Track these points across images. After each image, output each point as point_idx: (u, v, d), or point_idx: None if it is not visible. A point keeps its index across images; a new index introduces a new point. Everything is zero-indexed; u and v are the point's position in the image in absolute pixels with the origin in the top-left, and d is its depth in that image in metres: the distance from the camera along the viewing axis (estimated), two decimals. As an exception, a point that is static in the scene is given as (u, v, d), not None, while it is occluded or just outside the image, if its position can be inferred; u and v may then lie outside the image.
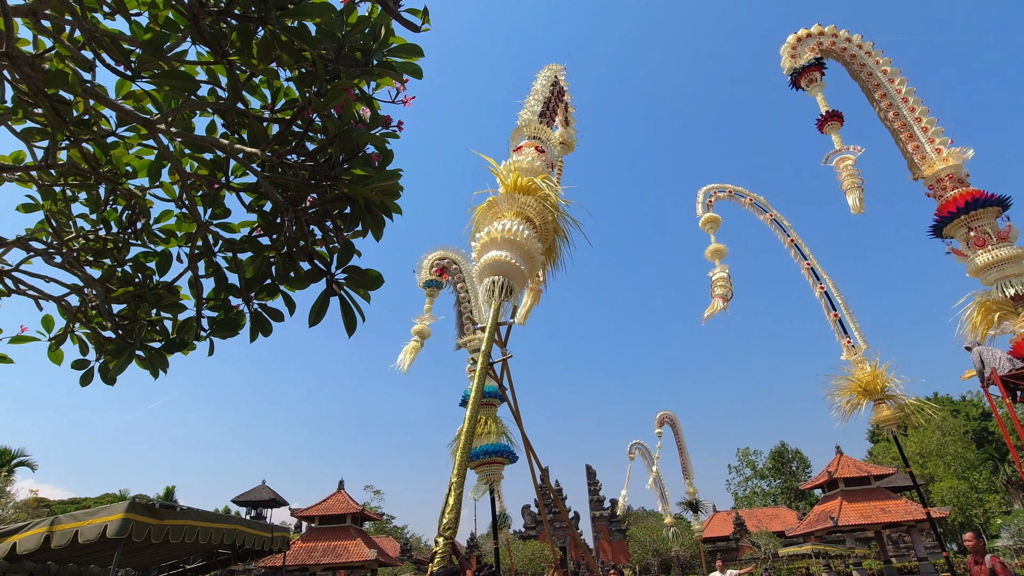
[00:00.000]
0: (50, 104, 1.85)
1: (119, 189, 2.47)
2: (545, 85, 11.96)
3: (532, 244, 8.19)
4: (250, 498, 48.81)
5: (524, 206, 8.61)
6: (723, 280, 17.31)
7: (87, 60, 1.93)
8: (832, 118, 13.43)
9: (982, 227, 11.51)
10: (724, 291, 17.13)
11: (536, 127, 10.53)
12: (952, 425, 57.88)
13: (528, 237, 8.12)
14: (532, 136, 10.39)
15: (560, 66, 13.09)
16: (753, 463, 79.42)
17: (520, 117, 10.93)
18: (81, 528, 6.71)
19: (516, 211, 8.57)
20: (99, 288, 2.51)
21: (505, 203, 8.66)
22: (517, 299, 8.30)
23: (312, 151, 2.08)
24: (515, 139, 10.53)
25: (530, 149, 9.92)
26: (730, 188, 19.44)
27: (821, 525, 37.90)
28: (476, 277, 8.15)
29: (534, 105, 11.26)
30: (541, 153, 9.96)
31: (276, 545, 10.39)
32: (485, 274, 7.89)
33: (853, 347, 15.88)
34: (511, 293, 7.81)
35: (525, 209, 8.59)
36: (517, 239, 8.00)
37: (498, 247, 7.97)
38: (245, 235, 2.50)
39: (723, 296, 17.05)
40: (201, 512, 8.13)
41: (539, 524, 50.44)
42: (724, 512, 58.73)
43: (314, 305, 2.12)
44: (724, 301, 16.99)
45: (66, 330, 2.74)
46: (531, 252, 8.16)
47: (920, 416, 14.53)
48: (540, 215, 8.73)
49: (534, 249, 8.20)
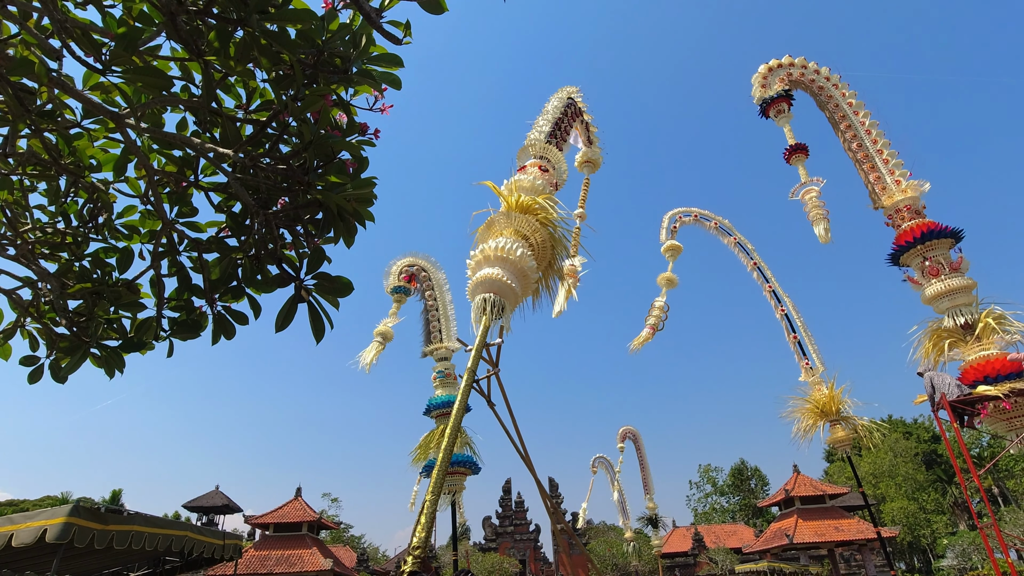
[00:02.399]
0: (12, 91, 1.79)
1: (81, 182, 2.40)
2: (557, 107, 12.04)
3: (526, 262, 8.17)
4: (202, 504, 47.15)
5: (521, 225, 8.67)
6: (659, 310, 17.62)
7: (55, 49, 1.87)
8: (798, 151, 13.90)
9: (936, 257, 12.02)
10: (656, 321, 17.44)
11: (542, 147, 10.63)
12: (904, 447, 59.84)
13: (522, 255, 8.13)
14: (538, 156, 10.52)
15: (575, 88, 13.24)
16: (714, 479, 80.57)
17: (528, 137, 11.05)
18: (17, 531, 6.39)
19: (513, 229, 8.63)
20: (54, 283, 2.43)
21: (503, 222, 8.73)
22: (509, 318, 8.24)
23: (286, 155, 2.06)
24: (521, 158, 10.68)
25: (534, 169, 10.04)
26: (696, 212, 19.88)
27: (777, 542, 38.65)
28: (469, 294, 8.15)
29: (543, 125, 11.33)
30: (545, 172, 10.08)
31: (228, 553, 10.07)
32: (477, 291, 7.86)
33: (811, 369, 16.33)
34: (503, 311, 7.81)
35: (522, 228, 8.65)
36: (510, 257, 8.01)
37: (491, 264, 7.98)
38: (212, 235, 2.45)
39: (653, 326, 17.36)
40: (149, 517, 7.85)
41: (499, 536, 50.09)
42: (683, 528, 59.32)
43: (281, 310, 2.08)
44: (653, 331, 17.31)
45: (16, 324, 2.63)
46: (524, 270, 8.16)
47: (872, 438, 15.00)
48: (538, 234, 8.78)
49: (528, 268, 8.20)
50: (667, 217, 19.69)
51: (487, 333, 7.62)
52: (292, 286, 2.13)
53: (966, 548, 43.11)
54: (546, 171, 10.18)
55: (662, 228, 19.49)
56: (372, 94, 2.17)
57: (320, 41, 1.85)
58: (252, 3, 1.64)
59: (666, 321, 17.90)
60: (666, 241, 19.15)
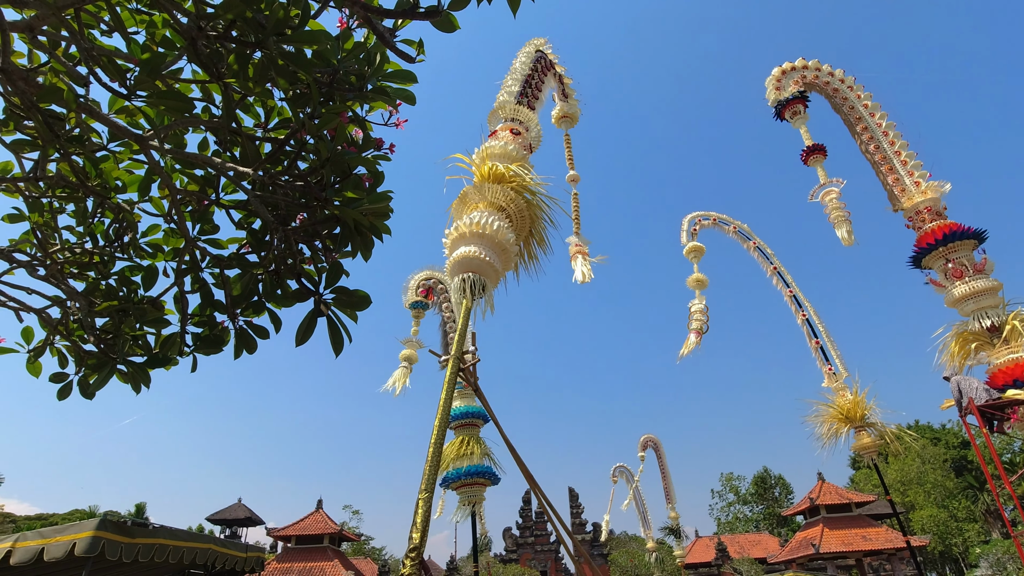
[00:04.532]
0: (43, 118, 1.86)
1: (107, 203, 2.47)
2: (525, 63, 11.09)
3: (504, 236, 7.70)
4: (225, 516, 47.56)
5: (496, 196, 8.10)
6: (700, 312, 17.47)
7: (82, 76, 1.95)
8: (816, 151, 13.76)
9: (959, 259, 11.78)
10: (700, 325, 17.28)
11: (513, 108, 9.84)
12: (932, 453, 58.40)
13: (499, 229, 7.65)
14: (509, 118, 9.75)
15: (543, 40, 12.11)
16: (736, 488, 79.29)
17: (496, 99, 10.20)
18: (48, 545, 6.51)
19: (488, 202, 8.09)
20: (82, 301, 2.49)
21: (476, 194, 8.16)
22: (491, 296, 7.79)
23: (304, 171, 2.11)
24: (492, 122, 9.93)
25: (505, 133, 9.30)
26: (715, 216, 19.75)
27: (803, 552, 37.88)
28: (448, 274, 7.71)
29: (511, 85, 10.45)
30: (517, 136, 9.32)
31: (250, 566, 10.15)
32: (456, 271, 7.47)
33: (834, 374, 16.05)
34: (484, 290, 7.43)
35: (497, 199, 8.09)
36: (487, 232, 7.53)
37: (467, 242, 7.51)
38: (233, 252, 2.50)
39: (698, 331, 17.20)
40: (174, 530, 7.95)
41: (520, 547, 49.73)
42: (706, 538, 58.41)
43: (301, 325, 2.12)
44: (698, 336, 17.14)
45: (46, 342, 2.70)
46: (503, 244, 7.69)
47: (899, 444, 14.67)
48: (514, 203, 8.22)
49: (506, 241, 7.73)
50: (686, 220, 19.58)
51: (470, 315, 7.27)
52: (311, 300, 2.16)
53: (1000, 557, 41.77)
54: (518, 134, 9.41)
55: (682, 231, 19.38)
56: (387, 109, 2.22)
57: (335, 60, 1.89)
58: (269, 26, 1.69)
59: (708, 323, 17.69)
60: (687, 243, 19.02)
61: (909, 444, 15.31)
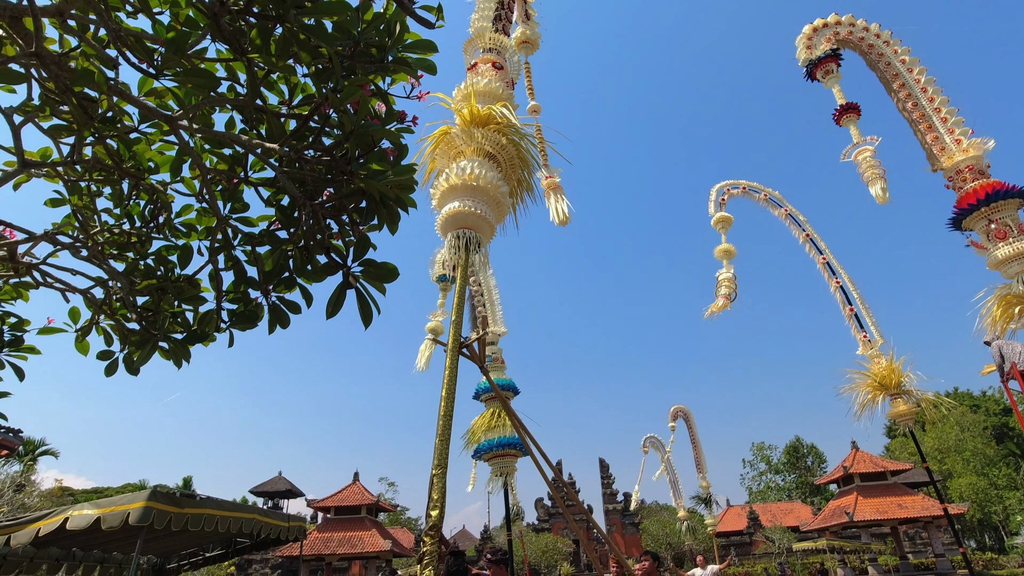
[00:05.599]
0: (77, 102, 1.91)
1: (142, 184, 2.54)
2: None
3: (497, 188, 7.27)
4: (267, 489, 49.52)
5: (484, 141, 7.54)
6: (728, 280, 17.31)
7: (111, 58, 1.98)
8: (849, 110, 13.24)
9: (1003, 219, 11.31)
10: (728, 291, 17.17)
11: (491, 37, 9.04)
12: (971, 421, 57.09)
13: (492, 180, 7.20)
14: (487, 48, 8.96)
15: None
16: (768, 458, 78.98)
17: (472, 23, 9.39)
18: (104, 515, 6.88)
19: (475, 148, 7.53)
20: (123, 281, 2.58)
21: (462, 139, 7.57)
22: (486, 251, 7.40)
23: (329, 146, 2.13)
24: (468, 53, 9.20)
25: (487, 66, 8.61)
26: (744, 184, 19.30)
27: (836, 520, 37.65)
28: (439, 231, 7.31)
29: (485, 8, 9.48)
30: (499, 70, 8.63)
31: (293, 535, 10.56)
32: (447, 228, 7.06)
33: (869, 342, 15.71)
34: (479, 246, 7.07)
35: (485, 145, 7.54)
36: (480, 184, 7.08)
37: (459, 196, 7.09)
38: (263, 229, 2.55)
39: (727, 296, 17.09)
40: (220, 501, 8.28)
41: (552, 517, 50.61)
42: (738, 506, 58.52)
43: (331, 298, 2.17)
44: (727, 300, 17.03)
45: (91, 322, 2.82)
46: (497, 197, 7.28)
47: (937, 412, 14.36)
48: (503, 150, 7.68)
49: (500, 194, 7.31)
50: (714, 190, 19.23)
51: (467, 273, 6.94)
52: (340, 273, 2.20)
53: (1043, 524, 40.96)
54: (500, 68, 8.61)
55: (710, 201, 19.08)
56: (409, 82, 2.21)
57: (356, 32, 1.89)
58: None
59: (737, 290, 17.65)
60: (715, 214, 18.74)
61: (947, 412, 14.97)
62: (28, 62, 1.88)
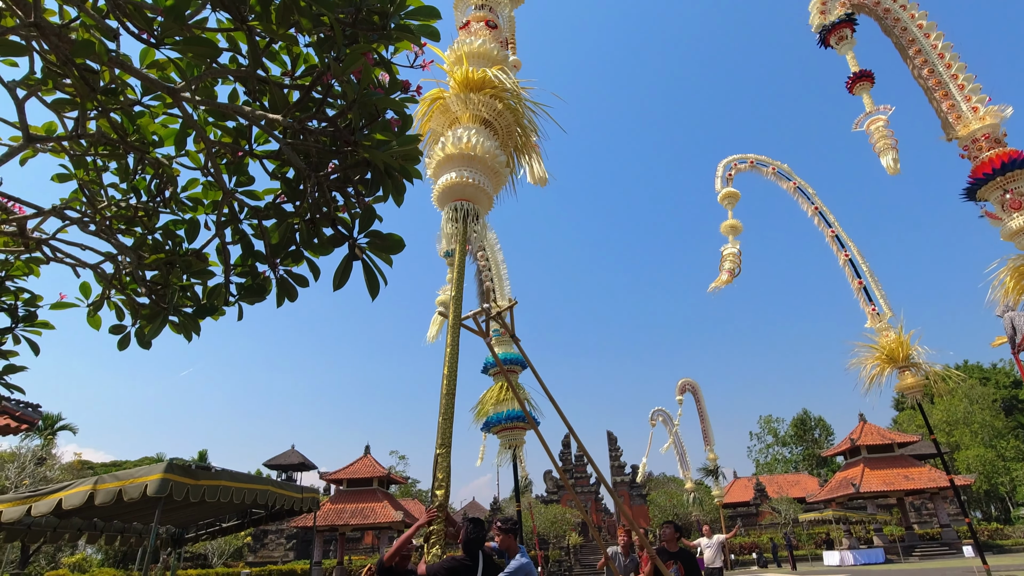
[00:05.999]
0: (79, 74, 1.90)
1: (147, 158, 2.53)
2: None
3: (495, 158, 7.01)
4: (280, 462, 50.54)
5: (479, 107, 7.26)
6: (733, 256, 17.32)
7: (111, 29, 1.96)
8: (862, 78, 12.95)
9: (1019, 189, 11.11)
10: (732, 266, 17.19)
11: None
12: (980, 393, 57.00)
13: (489, 149, 6.95)
14: (479, 5, 8.46)
15: None
16: (775, 430, 79.47)
17: None
18: (124, 487, 7.05)
19: (471, 114, 7.26)
20: (132, 255, 2.60)
21: (458, 105, 7.28)
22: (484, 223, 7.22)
23: (332, 117, 2.11)
24: (460, 10, 8.73)
25: (480, 25, 8.14)
26: (752, 158, 19.05)
27: (842, 491, 38.01)
28: (435, 202, 7.12)
29: None
30: (493, 29, 8.13)
31: (306, 506, 10.79)
32: (444, 200, 6.90)
33: (878, 315, 15.63)
34: (477, 218, 6.91)
35: (481, 111, 7.27)
36: (477, 153, 6.84)
37: (455, 166, 6.85)
38: (269, 202, 2.55)
39: (730, 271, 17.11)
40: (234, 473, 8.46)
41: (561, 489, 51.37)
42: (745, 478, 59.15)
43: (338, 269, 2.17)
44: (730, 275, 17.05)
45: (103, 296, 2.85)
46: (494, 167, 7.05)
47: (945, 384, 14.34)
48: (500, 116, 7.40)
49: (498, 163, 7.07)
50: (721, 165, 19.04)
51: (465, 247, 6.76)
52: (346, 246, 2.21)
53: (1050, 496, 41.17)
54: (494, 27, 8.11)
55: (717, 177, 18.93)
56: (412, 50, 2.18)
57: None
58: (289, -35, 1.66)
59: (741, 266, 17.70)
60: (722, 190, 18.62)
61: (955, 384, 14.98)
62: (28, 34, 1.87)
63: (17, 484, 23.90)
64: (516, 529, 5.33)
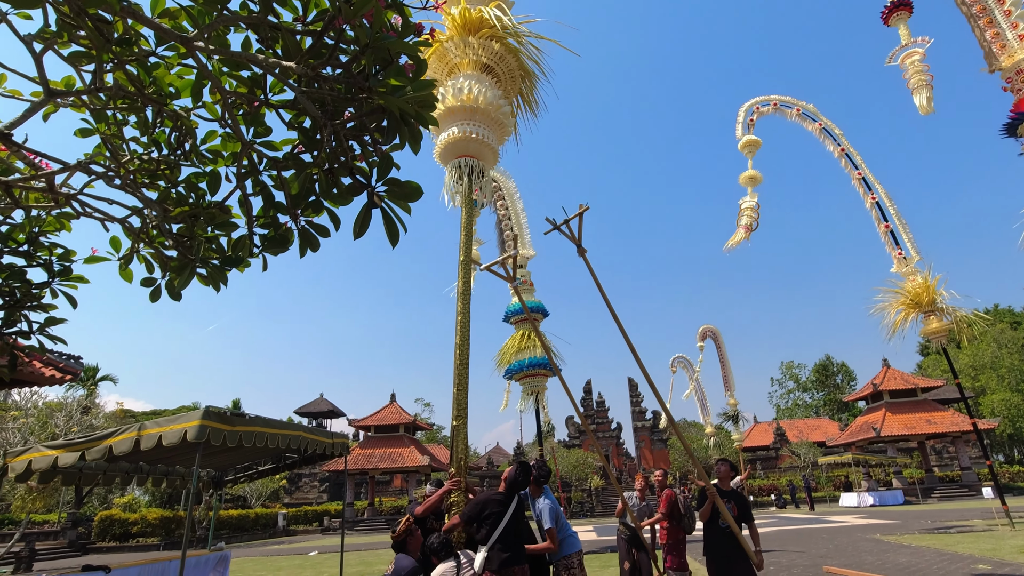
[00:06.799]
0: (92, 24, 1.89)
1: (165, 110, 2.54)
2: None
3: (498, 108, 6.60)
4: (310, 410, 52.40)
5: (480, 52, 6.77)
6: (751, 210, 16.89)
7: (120, -23, 1.94)
8: (900, 7, 12.18)
9: (1064, 124, 10.56)
10: (750, 221, 16.81)
11: None
12: (1010, 337, 56.01)
13: (492, 99, 6.54)
14: None
15: None
16: (796, 376, 79.52)
17: None
18: (165, 432, 7.42)
19: (470, 60, 6.79)
20: (157, 209, 2.65)
21: (456, 50, 6.79)
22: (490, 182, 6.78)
23: (346, 63, 2.08)
24: None
25: None
26: (775, 99, 18.28)
27: (863, 435, 38.26)
28: (437, 158, 6.75)
29: None
30: None
31: (337, 450, 11.24)
32: (448, 156, 6.55)
33: (905, 259, 15.27)
34: (483, 174, 6.56)
35: (481, 56, 6.79)
36: (480, 105, 6.43)
37: (457, 119, 6.46)
38: (287, 153, 2.56)
39: (747, 227, 16.76)
40: (268, 420, 8.81)
41: (583, 434, 52.57)
42: (765, 423, 59.78)
43: (357, 218, 2.20)
44: (747, 231, 16.68)
45: (132, 250, 2.93)
46: (498, 118, 6.64)
47: (971, 329, 14.09)
48: (502, 61, 6.91)
49: (501, 114, 6.67)
50: (743, 110, 18.36)
51: (471, 203, 6.42)
52: (365, 194, 2.22)
53: (1076, 439, 40.94)
54: None
55: (738, 123, 18.30)
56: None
57: (366, -64, 1.80)
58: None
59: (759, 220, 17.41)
60: (743, 137, 18.03)
61: (983, 329, 14.73)
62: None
63: (67, 431, 25.26)
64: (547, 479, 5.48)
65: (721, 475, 6.21)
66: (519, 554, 4.62)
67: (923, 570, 9.28)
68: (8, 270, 3.07)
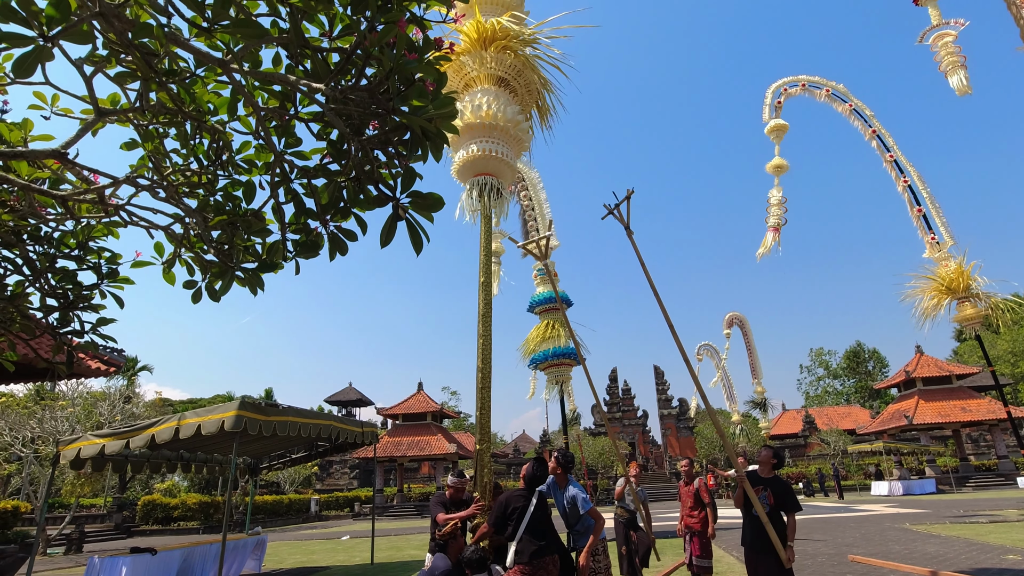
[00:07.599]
0: (140, 55, 2.05)
1: (203, 125, 2.71)
2: None
3: (517, 125, 6.51)
4: (339, 399, 53.45)
5: (496, 66, 6.65)
6: (777, 206, 16.55)
7: (162, 7, 2.10)
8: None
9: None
10: (776, 221, 16.46)
11: None
12: (1052, 323, 54.04)
13: (511, 116, 6.44)
14: None
15: None
16: (826, 363, 78.06)
17: None
18: (203, 422, 7.76)
19: (486, 73, 6.68)
20: (198, 217, 2.83)
21: (473, 63, 6.68)
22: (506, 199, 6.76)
23: (370, 86, 2.21)
24: None
25: None
26: (804, 80, 17.87)
27: (895, 423, 37.51)
28: (455, 175, 6.70)
29: None
30: None
31: (367, 439, 11.57)
32: (466, 174, 6.50)
33: (937, 244, 14.91)
34: (499, 193, 6.52)
35: (497, 70, 6.68)
36: (499, 123, 6.33)
37: (476, 138, 6.36)
38: (317, 163, 2.71)
39: (775, 227, 16.42)
40: (300, 410, 9.13)
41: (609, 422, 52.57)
42: (793, 411, 58.90)
43: (383, 229, 2.33)
44: (776, 232, 16.36)
45: (174, 255, 3.13)
46: (516, 135, 6.56)
47: (1006, 316, 13.72)
48: (520, 75, 6.79)
49: (519, 130, 6.58)
50: (770, 92, 17.99)
51: (490, 222, 6.32)
52: (390, 205, 2.35)
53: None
54: None
55: (765, 105, 17.94)
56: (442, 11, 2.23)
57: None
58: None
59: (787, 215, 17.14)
60: (770, 120, 17.69)
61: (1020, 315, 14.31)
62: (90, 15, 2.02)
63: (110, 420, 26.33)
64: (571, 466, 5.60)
65: (761, 459, 5.99)
66: (550, 544, 4.66)
67: (951, 560, 9.19)
68: (61, 273, 3.31)
